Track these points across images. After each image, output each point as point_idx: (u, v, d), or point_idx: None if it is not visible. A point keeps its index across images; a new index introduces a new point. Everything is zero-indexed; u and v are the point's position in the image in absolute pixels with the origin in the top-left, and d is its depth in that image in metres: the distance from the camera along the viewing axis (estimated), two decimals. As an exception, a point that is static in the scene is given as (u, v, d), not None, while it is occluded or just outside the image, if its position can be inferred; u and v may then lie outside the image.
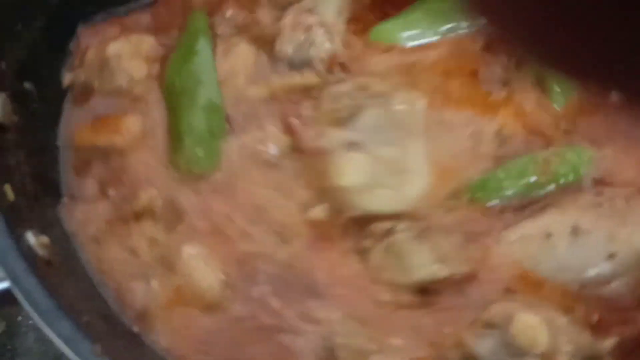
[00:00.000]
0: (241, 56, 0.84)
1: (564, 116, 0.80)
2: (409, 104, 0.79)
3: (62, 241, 0.79)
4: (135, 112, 0.84)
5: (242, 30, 0.87)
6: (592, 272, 0.72)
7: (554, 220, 0.74)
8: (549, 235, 0.74)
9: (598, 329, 0.71)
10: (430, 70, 0.83)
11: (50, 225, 0.79)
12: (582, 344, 0.69)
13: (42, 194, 0.81)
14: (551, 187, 0.76)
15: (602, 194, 0.75)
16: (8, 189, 0.75)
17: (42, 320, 0.67)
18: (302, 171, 0.79)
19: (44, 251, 0.74)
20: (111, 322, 0.76)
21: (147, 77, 0.86)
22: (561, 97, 0.80)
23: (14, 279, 0.68)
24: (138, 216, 0.79)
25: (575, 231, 0.73)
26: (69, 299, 0.71)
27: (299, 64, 0.83)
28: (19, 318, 0.97)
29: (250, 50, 0.85)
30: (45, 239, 0.75)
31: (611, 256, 0.72)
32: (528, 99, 0.80)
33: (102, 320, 0.74)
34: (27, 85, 0.84)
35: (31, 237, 0.74)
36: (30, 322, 0.97)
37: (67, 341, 0.66)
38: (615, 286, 0.72)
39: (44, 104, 0.86)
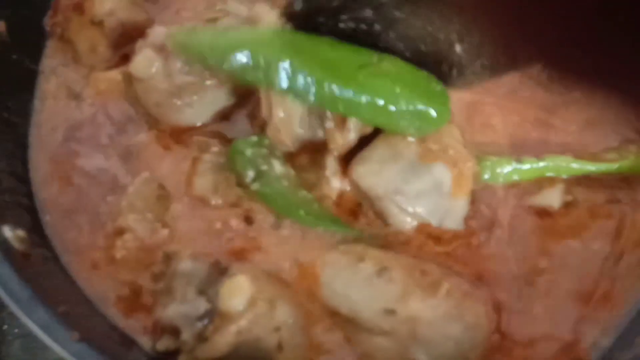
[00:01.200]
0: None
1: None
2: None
3: (39, 235, 0.79)
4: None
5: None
6: (364, 314, 0.72)
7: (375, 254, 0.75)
8: (361, 260, 0.74)
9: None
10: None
11: (26, 220, 0.79)
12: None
13: (18, 189, 0.81)
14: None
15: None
16: (-17, 185, 0.75)
17: (18, 309, 0.67)
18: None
19: (20, 244, 0.75)
20: (90, 312, 0.75)
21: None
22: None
23: (-10, 269, 0.68)
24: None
25: (381, 272, 0.73)
26: (46, 290, 0.72)
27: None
28: (5, 327, 0.97)
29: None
30: (21, 233, 0.76)
31: (390, 312, 0.71)
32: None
33: (80, 310, 0.74)
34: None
35: (8, 231, 0.74)
36: (16, 330, 0.97)
37: (43, 328, 0.67)
38: (378, 341, 0.71)
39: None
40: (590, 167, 0.79)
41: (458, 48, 0.77)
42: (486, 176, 0.79)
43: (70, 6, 0.89)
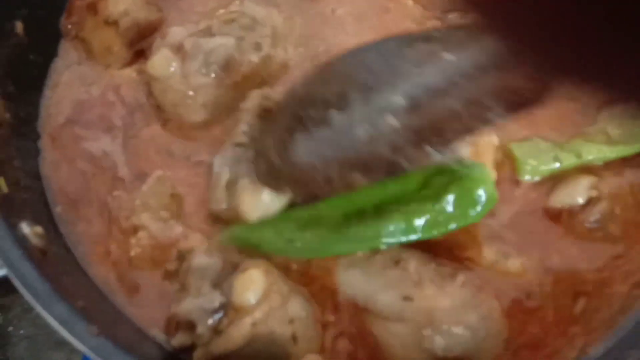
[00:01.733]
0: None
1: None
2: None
3: (55, 231, 0.81)
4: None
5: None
6: (381, 302, 0.72)
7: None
8: (376, 252, 0.74)
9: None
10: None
11: (44, 215, 0.80)
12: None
13: (35, 186, 0.82)
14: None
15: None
16: (1, 182, 0.77)
17: (37, 304, 0.68)
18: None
19: (38, 240, 0.76)
20: (106, 308, 0.76)
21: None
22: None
23: (10, 265, 0.70)
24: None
25: (397, 263, 0.73)
26: (64, 285, 0.72)
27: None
28: (10, 328, 0.98)
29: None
30: (39, 229, 0.77)
31: (407, 299, 0.72)
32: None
33: (97, 305, 0.75)
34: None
35: (26, 227, 0.75)
36: (22, 331, 0.98)
37: (63, 323, 0.68)
38: (394, 328, 0.72)
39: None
40: (626, 150, 0.79)
41: None
42: (527, 177, 0.80)
43: (84, 7, 0.90)
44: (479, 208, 0.71)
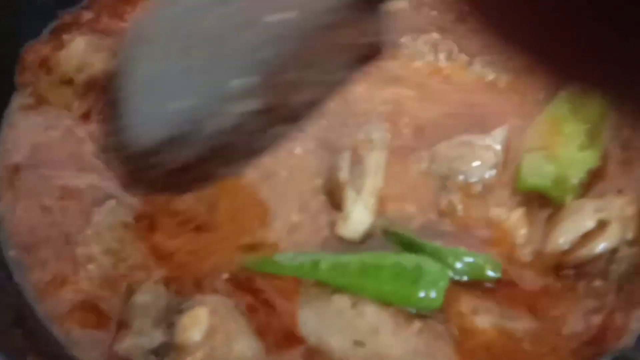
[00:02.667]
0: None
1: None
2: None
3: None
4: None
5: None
6: (333, 345, 0.70)
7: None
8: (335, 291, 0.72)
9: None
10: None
11: None
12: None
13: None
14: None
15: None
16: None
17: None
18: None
19: None
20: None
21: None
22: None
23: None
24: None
25: (355, 305, 0.71)
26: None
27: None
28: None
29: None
30: None
31: (359, 344, 0.69)
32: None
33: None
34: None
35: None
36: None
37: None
38: None
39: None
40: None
41: None
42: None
43: (37, 63, 0.87)
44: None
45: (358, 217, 0.76)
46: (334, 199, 0.78)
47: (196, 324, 0.67)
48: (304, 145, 0.82)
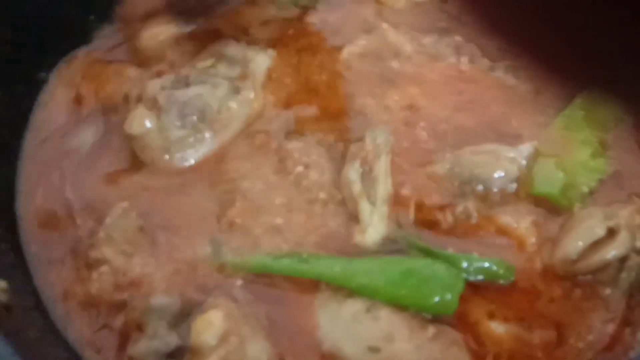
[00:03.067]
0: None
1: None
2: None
3: (23, 285, 0.78)
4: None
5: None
6: (348, 350, 0.70)
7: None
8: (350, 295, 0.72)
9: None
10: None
11: (10, 270, 0.78)
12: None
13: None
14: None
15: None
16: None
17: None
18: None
19: (2, 296, 0.72)
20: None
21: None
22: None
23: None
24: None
25: (370, 309, 0.71)
26: (29, 344, 0.69)
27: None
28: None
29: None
30: (3, 284, 0.73)
31: (373, 350, 0.69)
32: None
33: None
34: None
35: (-12, 284, 0.72)
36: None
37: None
38: None
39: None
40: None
41: None
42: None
43: None
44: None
45: (376, 227, 0.76)
46: (349, 209, 0.78)
47: (210, 327, 0.67)
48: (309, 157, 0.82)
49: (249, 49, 0.89)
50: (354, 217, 0.78)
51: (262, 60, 0.89)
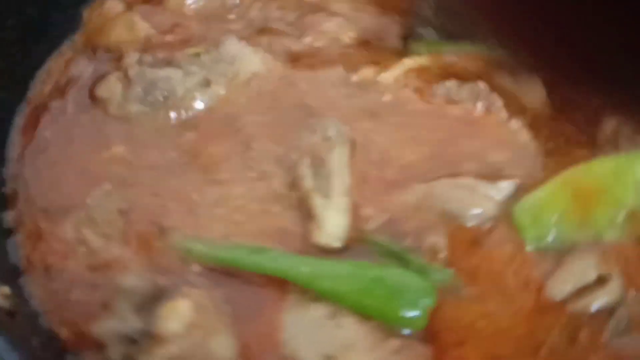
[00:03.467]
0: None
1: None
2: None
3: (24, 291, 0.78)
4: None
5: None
6: (302, 356, 0.68)
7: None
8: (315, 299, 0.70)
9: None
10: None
11: (11, 276, 0.78)
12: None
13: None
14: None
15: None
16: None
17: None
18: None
19: (5, 302, 0.73)
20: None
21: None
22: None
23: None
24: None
25: (333, 315, 0.69)
26: (33, 351, 0.70)
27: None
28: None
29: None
30: (6, 290, 0.74)
31: (328, 358, 0.67)
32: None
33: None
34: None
35: (-10, 290, 0.72)
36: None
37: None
38: None
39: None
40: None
41: None
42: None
43: None
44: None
45: (333, 221, 0.74)
46: (304, 210, 0.76)
47: (176, 315, 0.67)
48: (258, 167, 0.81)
49: (246, 48, 0.90)
50: (309, 215, 0.76)
51: (251, 63, 0.89)
